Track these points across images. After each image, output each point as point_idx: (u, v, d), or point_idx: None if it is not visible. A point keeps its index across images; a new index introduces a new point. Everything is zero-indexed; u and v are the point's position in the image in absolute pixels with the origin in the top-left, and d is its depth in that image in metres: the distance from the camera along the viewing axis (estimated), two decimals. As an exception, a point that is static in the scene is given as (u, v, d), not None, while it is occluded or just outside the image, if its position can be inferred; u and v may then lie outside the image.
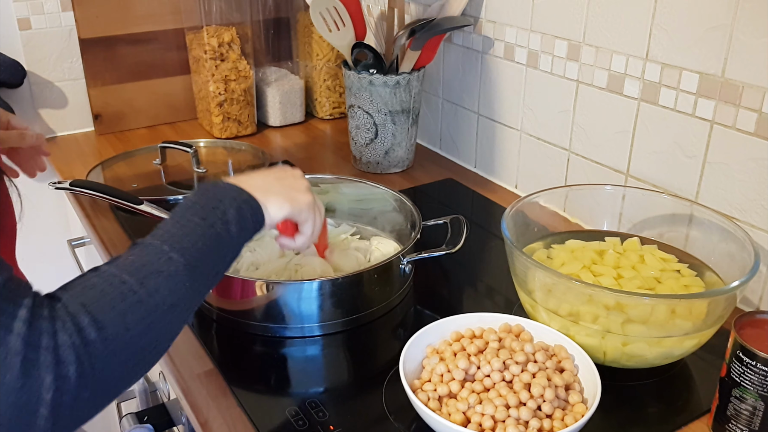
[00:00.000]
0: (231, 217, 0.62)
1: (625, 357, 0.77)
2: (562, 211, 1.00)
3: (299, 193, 0.72)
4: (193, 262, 0.58)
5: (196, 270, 0.58)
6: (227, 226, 0.62)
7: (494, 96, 1.27)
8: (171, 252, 0.57)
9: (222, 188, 0.65)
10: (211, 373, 0.82)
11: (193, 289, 0.58)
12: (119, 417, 1.25)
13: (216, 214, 0.62)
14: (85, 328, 0.50)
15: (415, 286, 0.98)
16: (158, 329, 0.55)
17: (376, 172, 1.34)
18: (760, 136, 0.86)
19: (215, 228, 0.61)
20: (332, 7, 1.24)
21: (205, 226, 0.60)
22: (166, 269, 0.56)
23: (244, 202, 0.65)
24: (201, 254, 0.59)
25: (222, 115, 1.49)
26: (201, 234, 0.60)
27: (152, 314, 0.54)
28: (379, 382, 0.79)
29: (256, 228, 0.66)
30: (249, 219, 0.65)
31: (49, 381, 0.48)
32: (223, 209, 0.62)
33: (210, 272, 0.61)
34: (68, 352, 0.49)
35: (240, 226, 0.63)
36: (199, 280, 0.59)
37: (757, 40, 0.83)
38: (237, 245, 0.64)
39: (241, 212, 0.64)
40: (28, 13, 1.41)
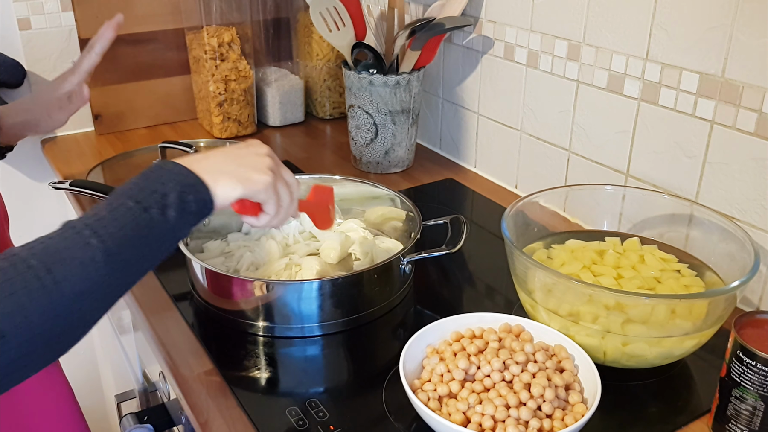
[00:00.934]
0: (171, 201, 0.58)
1: (625, 357, 0.77)
2: (562, 211, 1.00)
3: (255, 173, 0.66)
4: (114, 248, 0.54)
5: (116, 258, 0.54)
6: (165, 211, 0.58)
7: (494, 96, 1.27)
8: (91, 237, 0.54)
9: (167, 170, 0.61)
10: (211, 373, 0.82)
11: (111, 278, 0.55)
12: (119, 417, 1.25)
13: (154, 198, 0.58)
14: None
15: (415, 286, 0.98)
16: (66, 319, 0.52)
17: (376, 172, 1.34)
18: (760, 136, 0.86)
19: (150, 213, 0.57)
20: (332, 7, 1.24)
21: (138, 210, 0.57)
22: (81, 255, 0.53)
23: (188, 186, 0.60)
24: (126, 240, 0.55)
25: (222, 115, 1.49)
26: (131, 218, 0.56)
27: (58, 304, 0.52)
28: (379, 382, 0.79)
29: (201, 212, 0.62)
30: (192, 203, 0.60)
31: None
32: (163, 192, 0.59)
33: (135, 260, 0.57)
34: None
35: (180, 211, 0.59)
36: (119, 269, 0.55)
37: (757, 40, 0.83)
38: (176, 231, 0.60)
39: (183, 196, 0.59)
40: (28, 13, 1.41)
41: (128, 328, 1.19)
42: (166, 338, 0.88)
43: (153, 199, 0.58)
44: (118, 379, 1.47)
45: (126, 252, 0.55)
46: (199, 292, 0.93)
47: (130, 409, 1.14)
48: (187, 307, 0.94)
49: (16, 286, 0.50)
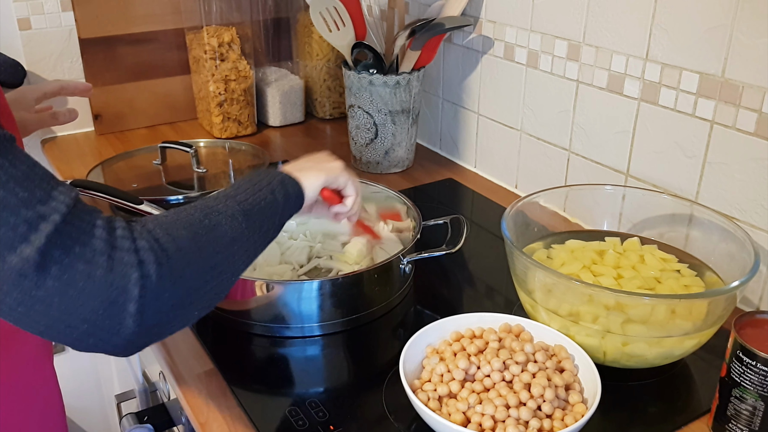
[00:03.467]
0: (276, 188, 0.71)
1: (625, 357, 0.77)
2: (562, 211, 1.00)
3: (329, 163, 0.82)
4: (247, 210, 0.66)
5: (250, 217, 0.66)
6: (274, 194, 0.71)
7: (494, 96, 1.27)
8: (228, 201, 0.66)
9: (263, 171, 0.74)
10: (211, 373, 0.82)
11: (250, 233, 0.66)
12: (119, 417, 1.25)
13: (262, 185, 0.70)
14: (161, 238, 0.57)
15: (415, 286, 0.98)
16: (223, 258, 0.62)
17: (376, 172, 1.34)
18: (760, 136, 0.86)
19: (263, 193, 0.70)
20: (332, 7, 1.24)
21: (254, 191, 0.69)
22: (225, 211, 0.64)
23: (286, 178, 0.74)
24: (253, 207, 0.67)
25: (222, 115, 1.49)
26: (251, 194, 0.68)
27: (218, 242, 0.62)
28: (379, 382, 0.79)
29: (298, 197, 0.75)
30: (291, 192, 0.74)
31: (135, 277, 0.54)
32: (268, 181, 0.71)
33: (262, 225, 0.68)
34: (148, 254, 0.55)
35: (285, 195, 0.72)
36: (254, 228, 0.67)
37: (757, 40, 0.83)
38: (284, 211, 0.72)
39: (284, 184, 0.73)
40: (28, 13, 1.41)
41: (128, 328, 1.18)
42: (166, 338, 0.88)
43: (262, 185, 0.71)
44: (118, 379, 1.47)
45: (254, 216, 0.67)
46: (199, 292, 0.92)
47: (130, 409, 1.14)
48: (187, 307, 0.94)
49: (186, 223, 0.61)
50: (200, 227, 0.61)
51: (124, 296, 0.53)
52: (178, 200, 1.17)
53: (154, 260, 0.55)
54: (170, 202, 1.16)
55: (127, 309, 0.53)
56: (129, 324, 0.54)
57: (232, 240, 0.64)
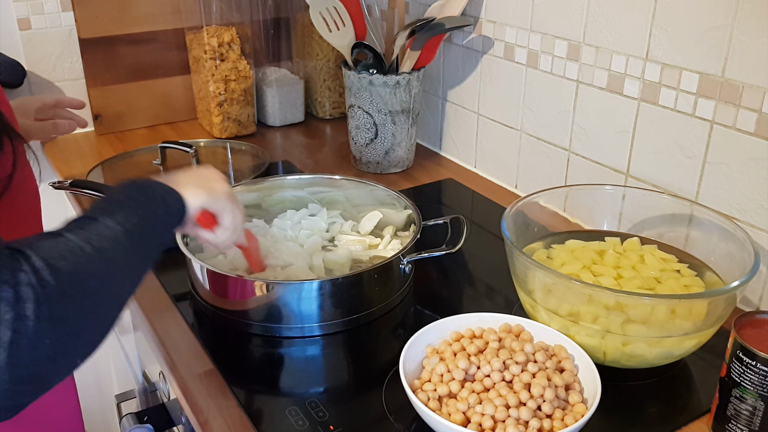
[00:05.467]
0: (158, 204, 0.67)
1: (625, 357, 0.77)
2: (562, 211, 1.00)
3: (215, 183, 0.76)
4: (130, 230, 0.60)
5: (134, 238, 0.61)
6: (155, 208, 0.66)
7: (494, 96, 1.27)
8: (108, 220, 0.59)
9: (143, 181, 0.69)
10: (211, 373, 0.82)
11: (134, 254, 0.61)
12: (119, 417, 1.25)
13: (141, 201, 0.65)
14: (41, 271, 0.50)
15: (415, 286, 0.98)
16: (109, 286, 0.57)
17: (376, 172, 1.34)
18: (760, 136, 0.86)
19: (145, 210, 0.64)
20: (332, 7, 1.24)
21: (134, 206, 0.64)
22: (107, 233, 0.58)
23: (166, 191, 0.69)
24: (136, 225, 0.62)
25: (222, 115, 1.49)
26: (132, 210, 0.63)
27: (103, 270, 0.56)
28: (379, 382, 0.79)
29: (179, 213, 0.70)
30: (172, 207, 0.69)
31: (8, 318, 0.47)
32: (147, 197, 0.66)
33: (146, 244, 0.64)
34: (26, 290, 0.48)
35: (166, 211, 0.68)
36: (138, 249, 0.62)
37: (757, 40, 0.83)
38: (166, 226, 0.69)
39: (165, 200, 0.68)
40: (28, 13, 1.41)
41: (128, 328, 1.18)
42: (166, 338, 0.88)
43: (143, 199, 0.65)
44: (118, 379, 1.47)
45: (137, 233, 0.62)
46: (199, 292, 0.93)
47: (130, 409, 1.14)
48: (187, 307, 0.94)
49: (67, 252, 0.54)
50: (82, 256, 0.54)
51: None
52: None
53: (33, 297, 0.48)
54: (170, 202, 1.16)
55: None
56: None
57: (116, 266, 0.58)
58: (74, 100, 1.25)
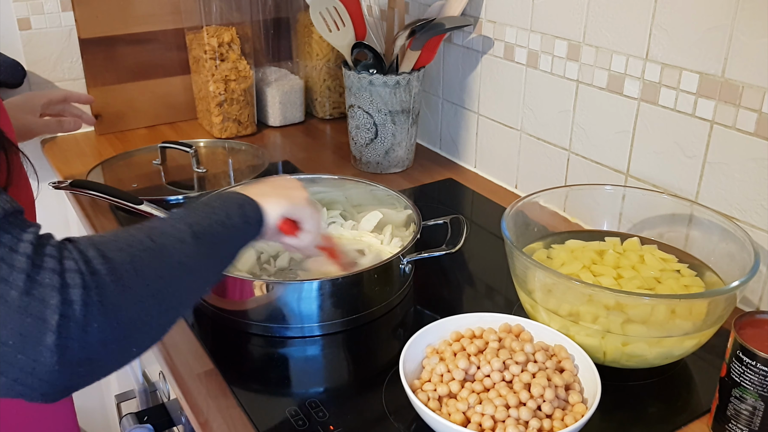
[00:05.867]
0: (233, 212, 0.67)
1: (625, 357, 0.77)
2: (562, 211, 1.00)
3: (293, 191, 0.77)
4: (197, 232, 0.60)
5: (201, 240, 0.60)
6: (230, 218, 0.66)
7: (494, 96, 1.27)
8: (176, 223, 0.60)
9: (222, 193, 0.70)
10: (211, 373, 0.82)
11: (200, 257, 0.60)
12: (119, 417, 1.25)
13: (216, 208, 0.65)
14: (93, 260, 0.50)
15: (415, 286, 0.98)
16: (168, 284, 0.56)
17: (376, 172, 1.34)
18: (760, 136, 0.86)
19: (218, 216, 0.64)
20: (332, 7, 1.24)
21: (207, 213, 0.64)
22: (173, 233, 0.58)
23: (246, 202, 0.70)
24: (205, 230, 0.62)
25: (222, 115, 1.49)
26: (204, 217, 0.63)
27: (162, 265, 0.56)
28: (379, 382, 0.79)
29: (258, 223, 0.70)
30: (251, 215, 0.69)
31: (55, 303, 0.46)
32: (224, 205, 0.67)
33: (216, 250, 0.63)
34: (74, 276, 0.48)
35: (243, 219, 0.67)
36: (205, 253, 0.61)
37: (757, 40, 0.83)
38: (242, 236, 0.68)
39: (243, 209, 0.68)
40: (28, 13, 1.41)
41: (128, 328, 1.18)
42: (166, 338, 0.88)
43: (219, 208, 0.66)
44: (118, 379, 1.47)
45: (206, 239, 0.61)
46: (199, 292, 0.92)
47: (130, 409, 1.14)
48: (187, 307, 0.94)
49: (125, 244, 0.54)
50: (141, 248, 0.54)
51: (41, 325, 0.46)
52: (178, 200, 1.17)
53: (80, 283, 0.48)
54: (170, 202, 1.16)
55: (43, 341, 0.46)
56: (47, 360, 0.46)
57: (179, 264, 0.57)
58: (82, 95, 1.24)
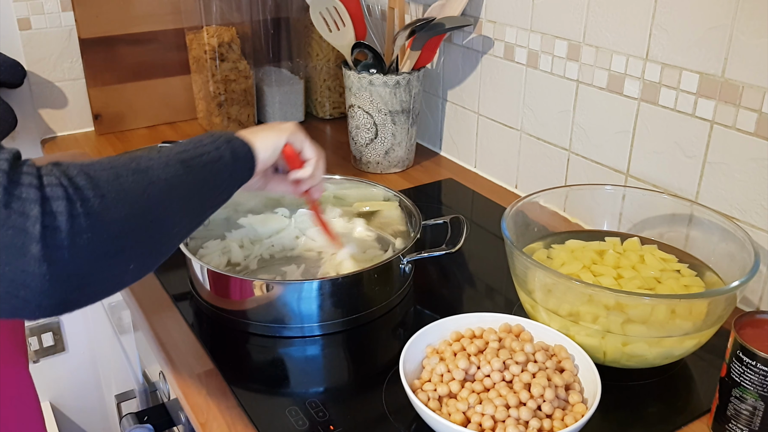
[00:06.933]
0: (221, 145, 0.67)
1: (625, 357, 0.77)
2: (562, 211, 1.00)
3: (282, 125, 0.78)
4: (185, 159, 0.61)
5: (188, 167, 0.61)
6: (219, 151, 0.66)
7: (494, 96, 1.27)
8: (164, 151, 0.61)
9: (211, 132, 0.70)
10: (211, 373, 0.82)
11: (191, 183, 0.61)
12: (119, 417, 1.25)
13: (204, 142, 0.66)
14: (75, 176, 0.50)
15: (415, 286, 0.98)
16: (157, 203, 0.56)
17: (376, 172, 1.34)
18: (760, 136, 0.86)
19: (206, 148, 0.65)
20: (332, 7, 1.24)
21: (194, 145, 0.64)
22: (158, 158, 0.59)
23: (231, 137, 0.70)
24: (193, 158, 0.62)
25: (222, 116, 1.49)
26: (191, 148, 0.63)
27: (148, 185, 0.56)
28: (379, 382, 0.79)
29: (246, 158, 0.70)
30: (239, 151, 0.69)
31: (35, 213, 0.47)
32: (212, 139, 0.67)
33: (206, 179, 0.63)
34: (56, 189, 0.49)
35: (232, 154, 0.68)
36: (195, 180, 0.61)
37: (757, 40, 0.83)
38: (233, 172, 0.68)
39: (231, 143, 0.68)
40: (28, 13, 1.41)
41: (128, 328, 1.18)
42: (166, 338, 0.88)
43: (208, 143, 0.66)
44: (118, 379, 1.47)
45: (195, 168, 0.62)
46: (199, 292, 0.93)
47: (130, 409, 1.14)
48: (187, 307, 0.94)
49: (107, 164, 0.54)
50: (125, 169, 0.55)
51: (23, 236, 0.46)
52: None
53: (63, 195, 0.48)
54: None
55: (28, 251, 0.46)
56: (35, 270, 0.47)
57: (166, 185, 0.57)
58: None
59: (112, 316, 1.33)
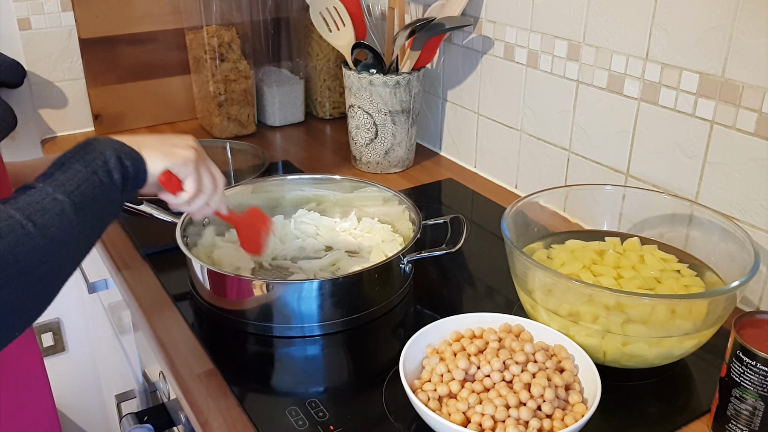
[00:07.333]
0: (113, 166, 0.64)
1: (625, 357, 0.77)
2: (562, 211, 1.00)
3: (179, 149, 0.72)
4: (78, 203, 0.59)
5: (82, 211, 0.59)
6: (110, 174, 0.63)
7: (494, 96, 1.27)
8: (56, 193, 0.58)
9: (101, 141, 0.66)
10: (211, 373, 0.82)
11: (81, 230, 0.60)
12: (119, 417, 1.25)
13: (97, 163, 0.63)
14: None
15: (415, 285, 0.98)
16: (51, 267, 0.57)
17: (376, 172, 1.34)
18: (760, 136, 0.86)
19: (98, 175, 0.62)
20: (332, 7, 1.24)
21: (88, 173, 0.62)
22: (53, 208, 0.57)
23: (125, 153, 0.66)
24: (85, 197, 0.60)
25: (222, 116, 1.49)
26: (84, 179, 0.61)
27: (43, 248, 0.56)
28: (379, 382, 0.79)
29: (138, 177, 0.67)
30: (130, 168, 0.66)
31: None
32: (105, 159, 0.63)
33: (96, 216, 0.62)
34: None
35: (122, 175, 0.65)
36: (86, 222, 0.60)
37: (757, 40, 0.83)
38: (121, 193, 0.65)
39: (122, 161, 0.65)
40: (28, 13, 1.41)
41: (128, 328, 1.18)
42: (166, 338, 0.88)
43: (97, 164, 0.63)
44: (118, 379, 1.47)
45: (88, 207, 0.60)
46: (199, 292, 0.93)
47: (130, 409, 1.14)
48: (187, 307, 0.94)
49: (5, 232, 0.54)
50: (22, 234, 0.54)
51: None
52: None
53: None
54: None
55: None
56: None
57: (61, 244, 0.57)
58: None
59: (112, 316, 1.33)
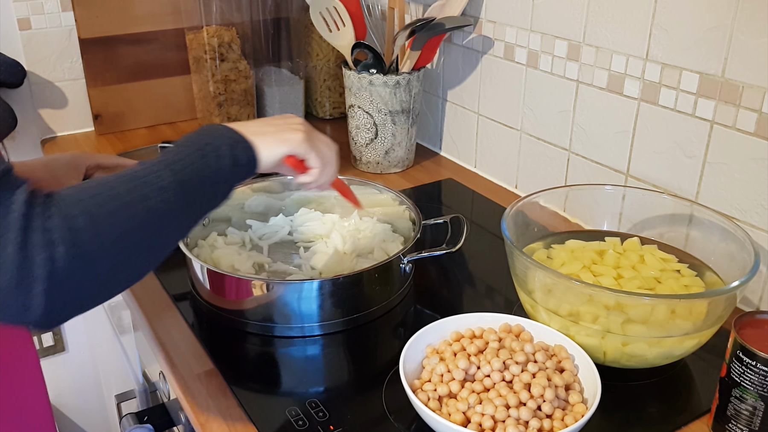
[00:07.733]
0: (224, 153, 0.66)
1: (625, 357, 0.77)
2: (562, 211, 1.00)
3: (291, 133, 0.74)
4: (182, 180, 0.62)
5: (185, 187, 0.62)
6: (220, 160, 0.65)
7: (494, 96, 1.27)
8: (162, 170, 0.61)
9: (216, 128, 0.68)
10: (211, 373, 0.82)
11: (184, 206, 0.62)
12: (119, 417, 1.25)
13: (209, 149, 0.65)
14: (77, 216, 0.55)
15: (415, 285, 0.98)
16: (149, 234, 0.59)
17: (376, 172, 1.34)
18: (760, 136, 0.86)
19: (207, 159, 0.64)
20: (332, 7, 1.24)
21: (197, 156, 0.64)
22: (156, 182, 0.60)
23: (237, 141, 0.68)
24: (191, 175, 0.62)
25: (222, 116, 1.49)
26: (193, 161, 0.63)
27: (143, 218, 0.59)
28: (379, 382, 0.79)
29: (249, 165, 0.69)
30: (242, 156, 0.67)
31: (41, 259, 0.52)
32: (217, 145, 0.66)
33: (200, 194, 0.64)
34: (60, 233, 0.53)
35: (233, 161, 0.66)
36: (189, 201, 0.63)
37: (757, 40, 0.83)
38: (231, 177, 0.67)
39: (233, 149, 0.67)
40: (28, 13, 1.41)
41: (128, 328, 1.19)
42: (166, 338, 0.88)
43: (209, 149, 0.65)
44: (118, 379, 1.47)
45: (192, 184, 0.63)
46: (199, 291, 0.93)
47: (130, 409, 1.14)
48: (187, 307, 0.94)
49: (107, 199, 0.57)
50: (122, 203, 0.58)
51: (30, 277, 0.52)
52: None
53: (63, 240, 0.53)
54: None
55: (33, 290, 0.52)
56: (37, 304, 0.53)
57: (161, 215, 0.60)
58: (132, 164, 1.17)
59: (112, 316, 1.33)
